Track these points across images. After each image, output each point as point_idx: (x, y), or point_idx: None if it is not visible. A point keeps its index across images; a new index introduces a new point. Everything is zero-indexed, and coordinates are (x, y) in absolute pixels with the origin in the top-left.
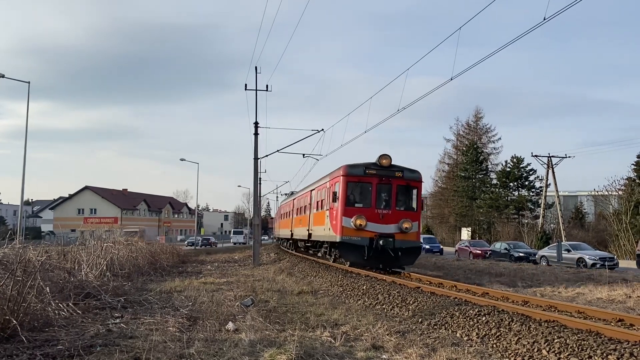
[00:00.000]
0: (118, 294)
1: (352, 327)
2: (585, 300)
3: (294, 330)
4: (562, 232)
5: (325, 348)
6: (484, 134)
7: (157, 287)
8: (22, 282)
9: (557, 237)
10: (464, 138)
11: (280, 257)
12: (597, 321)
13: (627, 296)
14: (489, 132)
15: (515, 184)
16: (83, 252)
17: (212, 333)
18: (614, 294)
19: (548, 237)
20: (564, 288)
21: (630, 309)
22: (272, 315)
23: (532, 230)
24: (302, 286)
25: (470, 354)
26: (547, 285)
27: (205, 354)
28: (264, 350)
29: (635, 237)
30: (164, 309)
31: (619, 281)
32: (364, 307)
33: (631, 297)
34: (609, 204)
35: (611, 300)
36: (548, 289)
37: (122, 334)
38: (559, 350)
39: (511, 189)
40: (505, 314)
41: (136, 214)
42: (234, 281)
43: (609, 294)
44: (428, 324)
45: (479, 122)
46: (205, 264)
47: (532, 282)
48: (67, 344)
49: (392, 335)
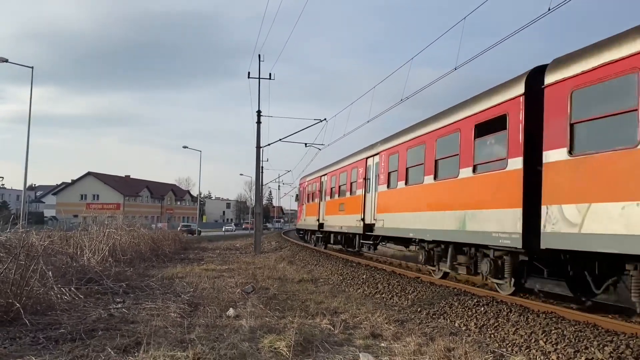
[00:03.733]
0: (120, 280)
1: (352, 315)
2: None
3: (294, 318)
4: None
5: (325, 335)
6: None
7: (158, 273)
8: (25, 266)
9: None
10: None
11: (281, 246)
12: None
13: None
14: None
15: None
16: (85, 237)
17: (212, 319)
18: None
19: None
20: None
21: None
22: (273, 302)
23: None
24: (303, 274)
25: (468, 344)
26: None
27: (205, 339)
28: (263, 336)
29: None
30: (165, 295)
31: None
32: (363, 295)
33: None
34: None
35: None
36: None
37: (123, 318)
38: (556, 341)
39: None
40: (504, 304)
41: (139, 201)
42: (235, 268)
43: None
44: (427, 313)
45: None
46: (207, 251)
47: None
48: (69, 327)
49: (391, 324)
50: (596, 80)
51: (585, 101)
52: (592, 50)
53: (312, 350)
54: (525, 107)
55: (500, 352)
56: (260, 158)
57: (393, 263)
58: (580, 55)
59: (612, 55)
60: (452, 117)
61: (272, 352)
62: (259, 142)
